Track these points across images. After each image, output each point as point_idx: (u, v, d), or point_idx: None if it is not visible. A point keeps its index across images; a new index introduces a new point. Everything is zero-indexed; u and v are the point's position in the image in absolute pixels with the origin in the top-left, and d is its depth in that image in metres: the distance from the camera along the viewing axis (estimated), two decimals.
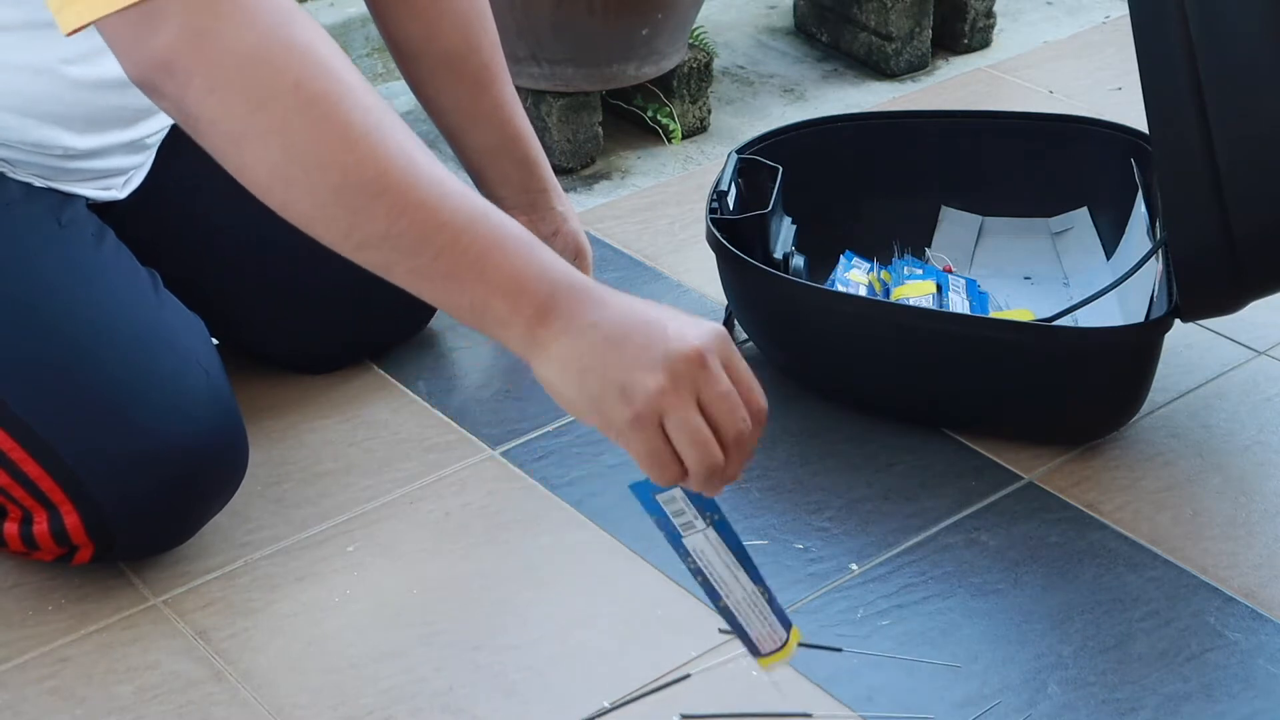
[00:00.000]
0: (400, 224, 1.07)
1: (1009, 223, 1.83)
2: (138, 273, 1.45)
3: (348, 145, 1.06)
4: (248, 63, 1.05)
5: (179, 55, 1.05)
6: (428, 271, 1.09)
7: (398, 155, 1.07)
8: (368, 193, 1.07)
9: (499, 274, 1.07)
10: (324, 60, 1.07)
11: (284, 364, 1.69)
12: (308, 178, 1.07)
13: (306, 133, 1.06)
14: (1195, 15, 1.37)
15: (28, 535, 1.41)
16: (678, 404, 1.05)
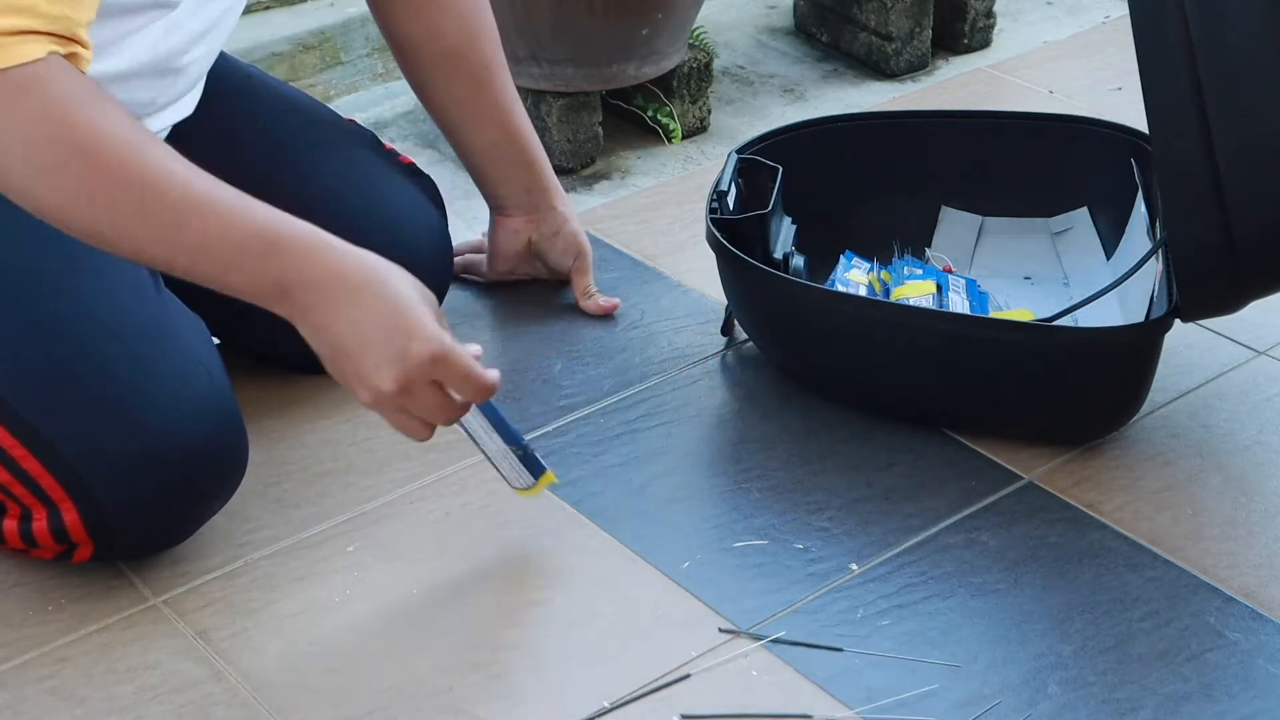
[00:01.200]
0: (145, 259, 1.28)
1: (1009, 223, 1.83)
2: (140, 273, 1.45)
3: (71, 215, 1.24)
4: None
5: None
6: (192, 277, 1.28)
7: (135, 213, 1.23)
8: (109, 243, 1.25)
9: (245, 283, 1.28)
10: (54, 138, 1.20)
11: (284, 364, 1.69)
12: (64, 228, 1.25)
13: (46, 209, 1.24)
14: (1195, 15, 1.37)
15: (27, 532, 1.41)
16: (389, 409, 1.31)
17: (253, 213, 1.26)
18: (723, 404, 1.67)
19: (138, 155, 1.22)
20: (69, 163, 1.21)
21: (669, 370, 1.70)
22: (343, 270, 1.28)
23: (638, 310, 1.80)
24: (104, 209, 1.23)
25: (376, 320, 1.28)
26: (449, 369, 1.30)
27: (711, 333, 1.76)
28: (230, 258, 1.26)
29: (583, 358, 1.72)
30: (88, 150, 1.21)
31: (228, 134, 1.58)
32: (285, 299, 1.28)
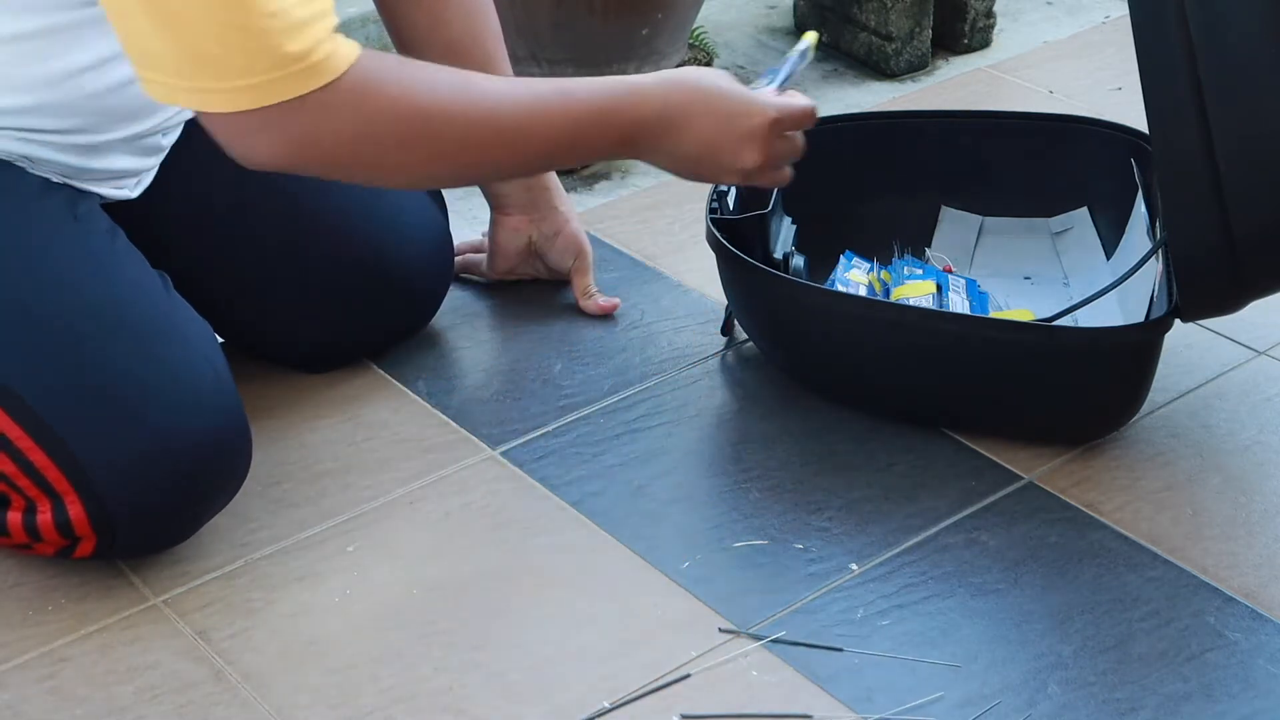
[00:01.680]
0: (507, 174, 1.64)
1: (1009, 223, 1.83)
2: (149, 271, 1.46)
3: (451, 165, 1.40)
4: (354, 147, 1.31)
5: (289, 156, 1.30)
6: (549, 168, 1.64)
7: (495, 145, 1.39)
8: (479, 175, 1.57)
9: (596, 149, 1.49)
10: (410, 106, 1.32)
11: (284, 362, 1.69)
12: (438, 185, 1.58)
13: (421, 172, 1.41)
14: (1195, 15, 1.37)
15: (31, 525, 1.41)
16: (774, 162, 1.49)
17: (576, 95, 1.41)
18: (723, 404, 1.67)
19: (473, 103, 1.37)
20: (429, 140, 1.35)
21: (669, 370, 1.70)
22: (667, 101, 1.43)
23: (638, 310, 1.80)
24: (469, 158, 1.39)
25: (713, 122, 1.44)
26: (784, 123, 1.48)
27: (711, 333, 1.76)
28: (577, 143, 1.43)
29: (583, 358, 1.72)
30: (436, 121, 1.34)
31: None
32: (633, 146, 1.45)
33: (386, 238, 1.66)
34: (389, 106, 1.31)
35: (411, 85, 1.33)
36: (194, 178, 1.57)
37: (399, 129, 1.32)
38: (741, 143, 1.45)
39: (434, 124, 1.34)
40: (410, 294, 1.71)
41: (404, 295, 1.70)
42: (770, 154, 1.47)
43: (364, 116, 1.30)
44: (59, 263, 1.41)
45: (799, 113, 1.49)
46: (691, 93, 1.44)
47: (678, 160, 1.46)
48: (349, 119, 1.29)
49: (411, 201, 1.70)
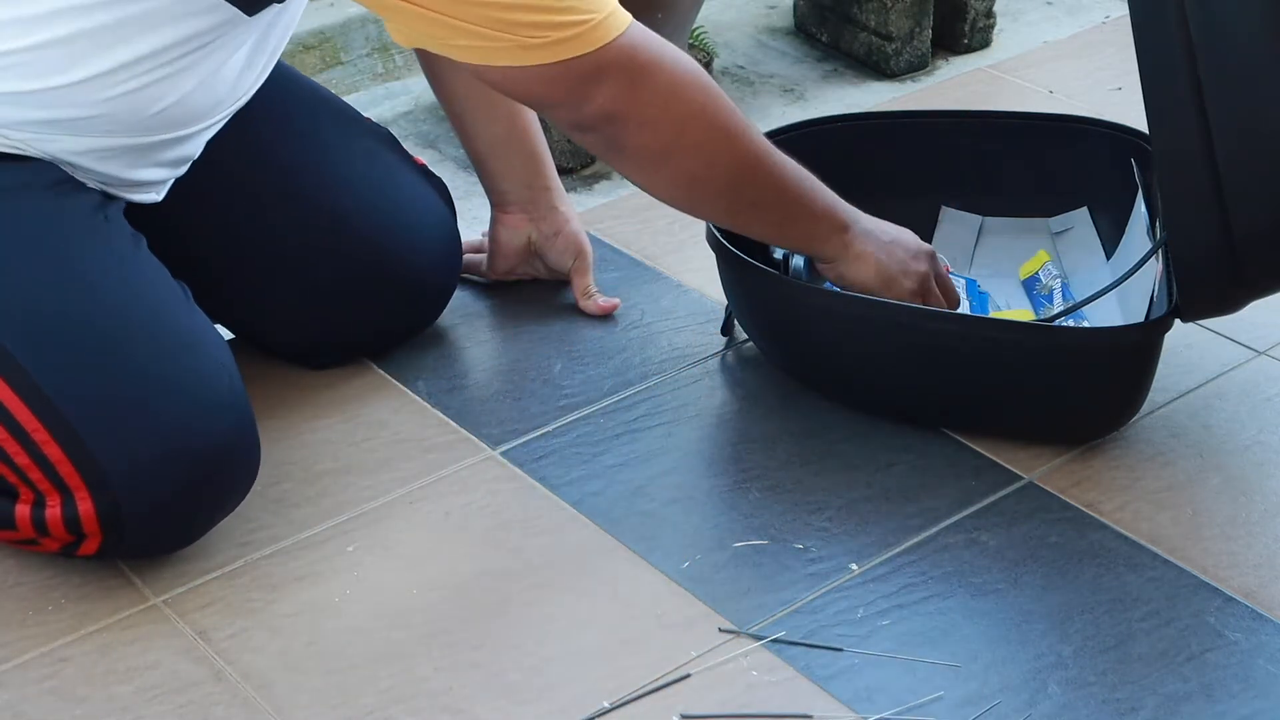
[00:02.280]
0: (765, 196, 1.53)
1: (1009, 223, 1.83)
2: (171, 280, 1.47)
3: (734, 148, 1.48)
4: (670, 100, 1.43)
5: (619, 106, 1.41)
6: (777, 224, 1.56)
7: (758, 147, 1.50)
8: (749, 182, 1.51)
9: (817, 215, 1.55)
10: (708, 83, 1.46)
11: (291, 356, 1.70)
12: (712, 179, 1.50)
13: (711, 145, 1.47)
14: (1195, 15, 1.37)
15: (39, 519, 1.41)
16: (932, 284, 1.59)
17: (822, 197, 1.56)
18: (723, 404, 1.67)
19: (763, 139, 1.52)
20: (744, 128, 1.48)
21: (669, 370, 1.70)
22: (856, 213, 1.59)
23: (638, 310, 1.80)
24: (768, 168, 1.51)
25: (896, 247, 1.59)
26: (938, 264, 1.62)
27: (711, 333, 1.76)
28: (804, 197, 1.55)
29: (583, 358, 1.72)
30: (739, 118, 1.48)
31: (253, 121, 1.59)
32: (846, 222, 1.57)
33: (396, 235, 1.67)
34: (686, 66, 1.44)
35: (707, 77, 1.47)
36: (207, 178, 1.58)
37: (704, 92, 1.45)
38: (913, 249, 1.60)
39: (721, 100, 1.46)
40: (419, 290, 1.71)
41: (413, 292, 1.71)
42: (929, 279, 1.60)
43: (674, 69, 1.42)
44: (87, 262, 1.42)
45: (946, 276, 1.64)
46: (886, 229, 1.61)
47: (880, 242, 1.58)
48: (661, 69, 1.42)
49: (420, 200, 1.70)
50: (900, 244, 1.59)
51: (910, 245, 1.60)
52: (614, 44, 1.38)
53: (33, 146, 1.43)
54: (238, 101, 1.52)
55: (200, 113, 1.47)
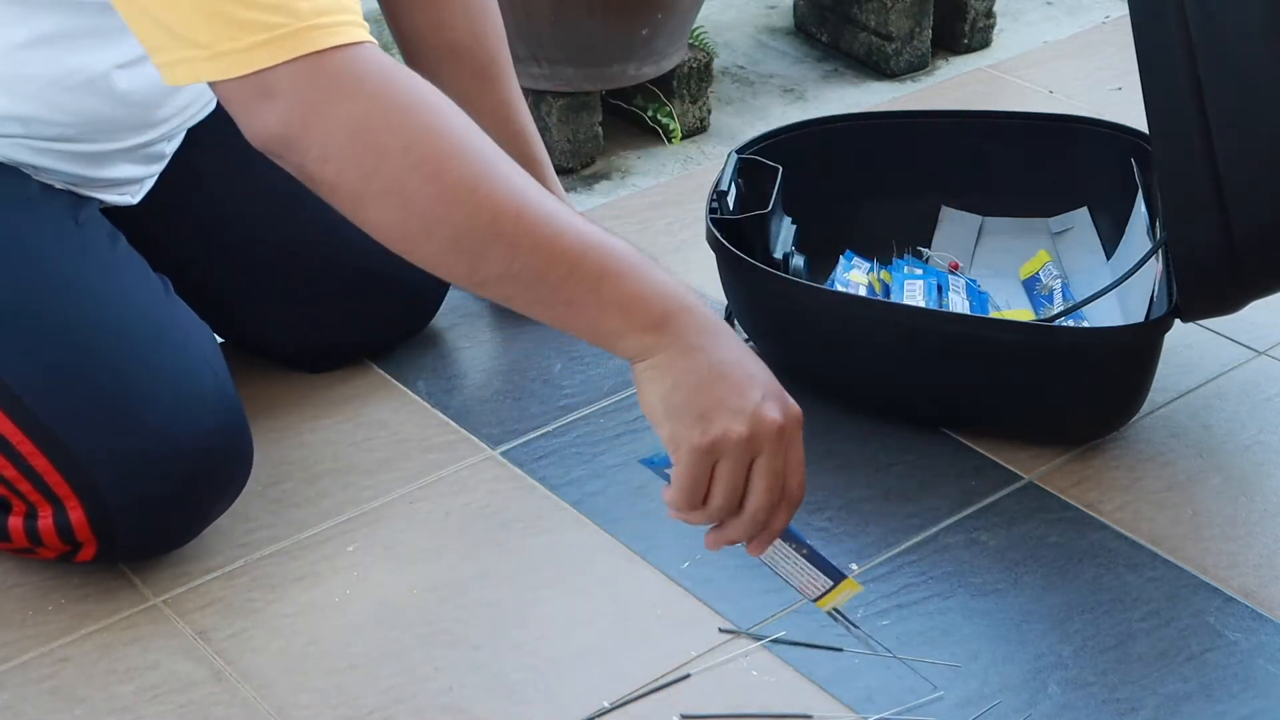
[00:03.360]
0: (517, 264, 1.14)
1: (1009, 223, 1.83)
2: (149, 275, 1.46)
3: (458, 200, 1.13)
4: (358, 133, 1.13)
5: (293, 129, 1.13)
6: (547, 300, 1.16)
7: (507, 201, 1.14)
8: (484, 240, 1.14)
9: (615, 296, 1.14)
10: (429, 120, 1.14)
11: (285, 360, 1.69)
12: (427, 232, 1.14)
13: (419, 192, 1.13)
14: (1195, 15, 1.37)
15: (32, 530, 1.41)
16: (738, 456, 1.14)
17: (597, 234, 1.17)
18: None
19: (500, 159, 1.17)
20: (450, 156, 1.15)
21: None
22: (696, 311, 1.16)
23: None
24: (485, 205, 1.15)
25: (754, 361, 1.17)
26: (795, 442, 1.17)
27: None
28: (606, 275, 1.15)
29: (583, 358, 1.72)
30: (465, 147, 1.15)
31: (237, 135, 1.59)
32: (656, 321, 1.15)
33: None
34: (404, 101, 1.14)
35: (430, 104, 1.15)
36: (193, 182, 1.58)
37: (408, 132, 1.13)
38: (742, 395, 1.15)
39: (445, 144, 1.14)
40: (410, 294, 1.71)
41: (404, 296, 1.70)
42: (746, 443, 1.14)
43: (376, 100, 1.13)
44: (60, 267, 1.41)
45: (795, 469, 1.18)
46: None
47: (707, 362, 1.14)
48: (358, 96, 1.13)
49: None
50: (729, 382, 1.14)
51: (743, 388, 1.14)
52: (304, 59, 1.12)
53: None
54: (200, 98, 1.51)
55: (152, 109, 1.45)
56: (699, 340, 1.14)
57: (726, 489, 1.15)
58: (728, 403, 1.13)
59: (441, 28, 1.65)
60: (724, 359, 1.14)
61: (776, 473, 1.15)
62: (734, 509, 1.16)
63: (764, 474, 1.15)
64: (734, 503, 1.16)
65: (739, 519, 1.17)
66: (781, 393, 1.16)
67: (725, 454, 1.13)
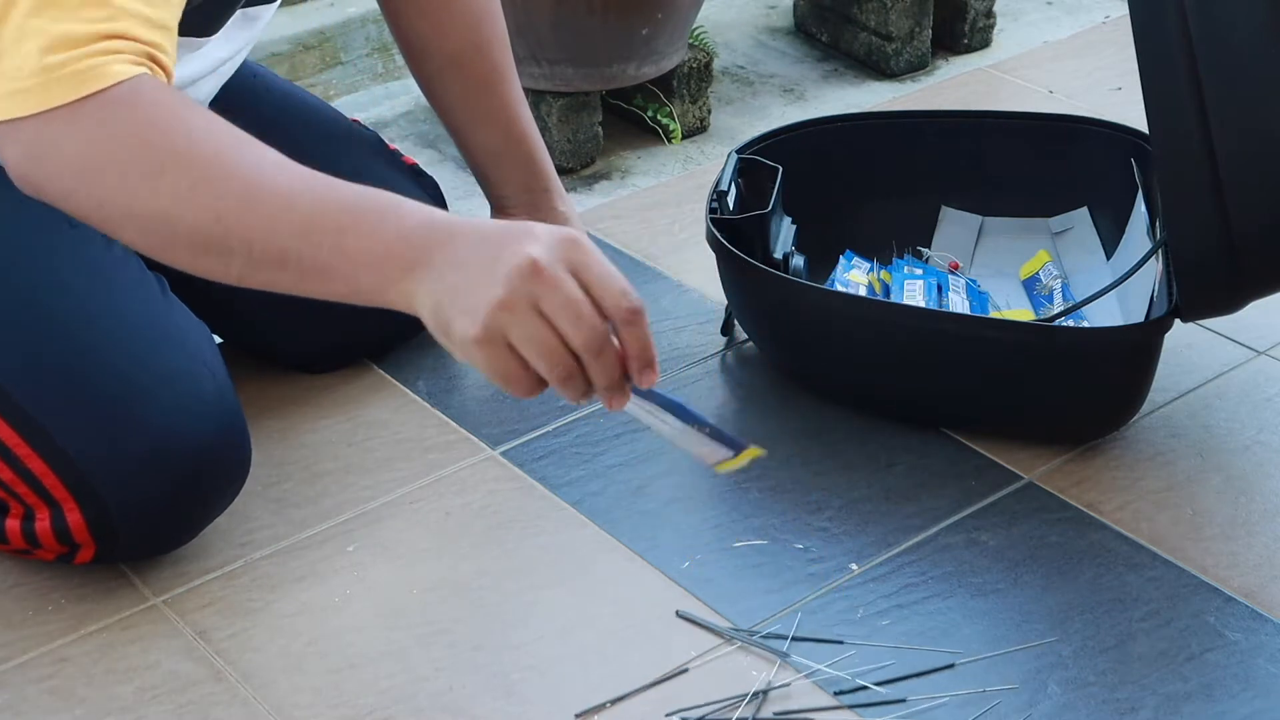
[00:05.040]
0: (256, 249, 1.14)
1: (1009, 223, 1.83)
2: (146, 275, 1.46)
3: (181, 209, 1.14)
4: (82, 173, 1.16)
5: (27, 174, 1.18)
6: (306, 276, 1.13)
7: (229, 195, 1.14)
8: (218, 237, 1.14)
9: (360, 254, 1.11)
10: (150, 143, 1.15)
11: (285, 362, 1.69)
12: (172, 243, 1.16)
13: (145, 210, 1.16)
14: (1195, 15, 1.37)
15: (30, 532, 1.41)
16: (516, 318, 1.06)
17: (360, 188, 1.15)
18: (723, 404, 1.67)
19: (241, 151, 1.17)
20: (170, 167, 1.15)
21: (669, 370, 1.70)
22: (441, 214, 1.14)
23: None
24: (206, 207, 1.15)
25: (498, 226, 1.11)
26: (586, 254, 1.08)
27: (711, 333, 1.76)
28: (345, 227, 1.12)
29: None
30: (186, 152, 1.16)
31: None
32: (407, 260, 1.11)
33: None
34: (134, 130, 1.15)
35: (173, 117, 1.16)
36: None
37: (135, 154, 1.15)
38: (524, 235, 1.08)
39: (176, 158, 1.15)
40: None
41: None
42: (550, 268, 1.07)
43: (103, 134, 1.15)
44: (55, 268, 1.40)
45: (609, 270, 1.09)
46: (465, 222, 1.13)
47: (450, 265, 1.09)
48: (85, 134, 1.15)
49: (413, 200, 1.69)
50: (473, 266, 1.08)
51: (487, 268, 1.07)
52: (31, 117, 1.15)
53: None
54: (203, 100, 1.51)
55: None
56: (441, 255, 1.09)
57: (535, 353, 1.06)
58: (479, 282, 1.06)
59: (444, 35, 1.65)
60: (464, 252, 1.08)
61: (569, 303, 1.06)
62: (562, 362, 1.07)
63: (558, 311, 1.06)
64: (554, 358, 1.06)
65: (581, 364, 1.08)
66: (527, 233, 1.08)
67: (505, 327, 1.06)
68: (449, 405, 1.66)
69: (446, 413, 1.65)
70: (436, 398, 1.67)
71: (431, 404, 1.66)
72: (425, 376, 1.70)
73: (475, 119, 1.69)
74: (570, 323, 1.06)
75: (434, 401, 1.67)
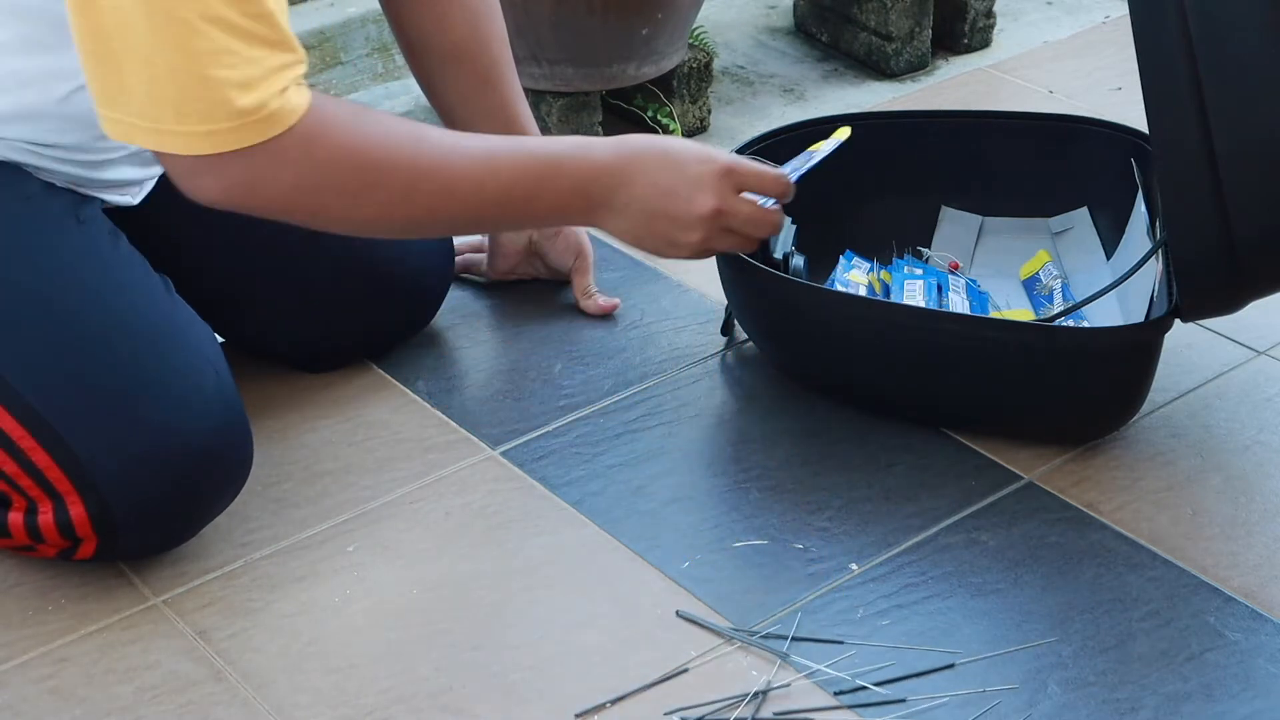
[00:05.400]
0: (459, 227, 1.52)
1: (1009, 223, 1.83)
2: (151, 274, 1.47)
3: (396, 212, 1.38)
4: (296, 194, 1.33)
5: (234, 200, 1.33)
6: (501, 229, 1.63)
7: (434, 196, 1.38)
8: (428, 222, 1.43)
9: (549, 215, 1.50)
10: (358, 155, 1.34)
11: (286, 361, 1.69)
12: (381, 234, 1.48)
13: (364, 221, 1.40)
14: (1195, 15, 1.37)
15: (32, 526, 1.41)
16: (717, 243, 1.46)
17: (528, 147, 1.43)
18: (723, 404, 1.67)
19: (422, 154, 1.37)
20: (372, 189, 1.35)
21: (669, 370, 1.70)
22: (619, 152, 1.43)
23: (638, 310, 1.80)
24: (416, 209, 1.39)
25: (667, 169, 1.43)
26: (743, 176, 1.44)
27: (711, 333, 1.76)
28: (531, 196, 1.42)
29: (583, 358, 1.72)
30: (384, 165, 1.35)
31: None
32: (586, 198, 1.43)
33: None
34: (334, 156, 1.32)
35: (360, 135, 1.34)
36: None
37: (341, 178, 1.34)
38: (694, 189, 1.42)
39: (378, 173, 1.35)
40: (412, 293, 1.71)
41: (406, 294, 1.70)
42: (726, 206, 1.43)
43: (309, 166, 1.32)
44: (62, 264, 1.41)
45: (763, 174, 1.45)
46: (644, 145, 1.44)
47: (634, 217, 1.43)
48: (293, 168, 1.31)
49: None
50: (666, 216, 1.43)
51: (679, 214, 1.43)
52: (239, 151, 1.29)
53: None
54: None
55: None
56: (623, 202, 1.42)
57: (735, 248, 1.49)
58: (675, 232, 1.43)
59: (444, 31, 1.66)
60: (647, 213, 1.43)
61: (746, 221, 1.45)
62: (754, 244, 1.50)
63: (744, 227, 1.45)
64: (750, 246, 1.49)
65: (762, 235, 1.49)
66: (698, 186, 1.42)
67: (711, 246, 1.46)
68: (449, 405, 1.66)
69: (446, 413, 1.65)
70: (436, 398, 1.67)
71: (431, 404, 1.66)
72: (425, 376, 1.70)
73: (475, 115, 1.69)
74: (753, 230, 1.47)
75: (434, 401, 1.67)
